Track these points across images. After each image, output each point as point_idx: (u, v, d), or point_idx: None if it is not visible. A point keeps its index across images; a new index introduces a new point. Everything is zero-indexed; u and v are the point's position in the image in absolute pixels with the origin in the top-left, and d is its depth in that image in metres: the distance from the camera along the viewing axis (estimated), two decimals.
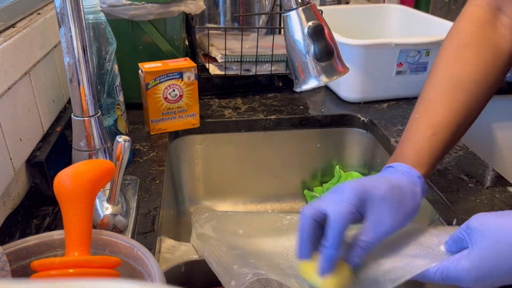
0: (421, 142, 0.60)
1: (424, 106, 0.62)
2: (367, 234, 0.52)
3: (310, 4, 0.54)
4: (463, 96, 0.60)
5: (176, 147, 0.93)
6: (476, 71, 0.61)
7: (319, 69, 0.55)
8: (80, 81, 0.53)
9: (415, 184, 0.57)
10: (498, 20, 0.63)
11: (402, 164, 0.58)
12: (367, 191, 0.52)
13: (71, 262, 0.43)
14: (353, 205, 0.51)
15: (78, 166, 0.47)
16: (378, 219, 0.52)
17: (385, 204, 0.52)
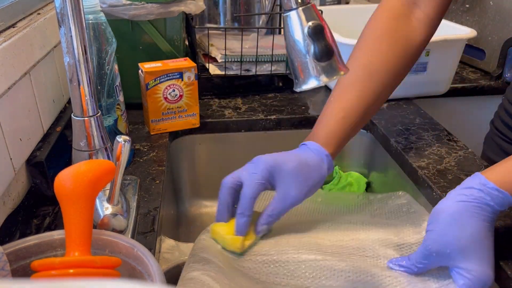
0: (332, 125, 0.66)
1: (339, 90, 0.69)
2: (274, 204, 0.61)
3: (310, 4, 0.54)
4: (374, 84, 0.67)
5: (176, 147, 0.93)
6: (388, 62, 0.67)
7: (319, 69, 0.55)
8: (80, 81, 0.53)
9: (322, 161, 0.64)
10: (412, 14, 0.68)
11: (313, 143, 0.65)
12: (277, 165, 0.60)
13: (71, 262, 0.43)
14: (263, 176, 0.60)
15: (79, 166, 0.47)
16: (285, 191, 0.60)
17: (292, 177, 0.60)
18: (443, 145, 0.84)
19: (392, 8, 0.68)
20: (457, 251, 0.52)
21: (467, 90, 1.14)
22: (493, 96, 1.16)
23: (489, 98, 1.17)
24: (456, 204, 0.53)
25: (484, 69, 1.21)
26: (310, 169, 0.62)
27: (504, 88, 1.14)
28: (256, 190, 0.59)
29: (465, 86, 1.14)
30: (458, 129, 1.11)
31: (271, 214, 0.61)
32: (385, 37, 0.67)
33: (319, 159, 0.63)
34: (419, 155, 0.80)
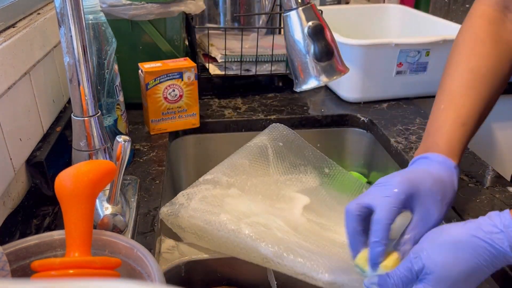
0: (452, 132, 0.61)
1: (449, 97, 0.65)
2: (416, 228, 0.53)
3: (310, 4, 0.54)
4: (484, 88, 0.64)
5: (176, 147, 0.93)
6: (494, 65, 0.65)
7: (319, 69, 0.55)
8: (80, 81, 0.53)
9: (453, 174, 0.58)
10: (507, 17, 0.67)
11: (437, 155, 0.59)
12: (413, 186, 0.53)
13: (71, 263, 0.43)
14: (400, 200, 0.52)
15: (79, 166, 0.47)
16: (425, 214, 0.54)
17: (431, 198, 0.54)
18: None
19: (485, 14, 0.67)
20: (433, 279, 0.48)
21: None
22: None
23: None
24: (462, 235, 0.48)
25: None
26: (445, 186, 0.56)
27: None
28: (393, 215, 0.52)
29: None
30: None
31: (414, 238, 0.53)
32: (487, 41, 0.65)
33: (450, 173, 0.58)
34: None
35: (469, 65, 0.65)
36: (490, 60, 0.65)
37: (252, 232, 0.59)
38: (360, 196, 0.56)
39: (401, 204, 0.52)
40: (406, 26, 1.22)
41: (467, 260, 0.47)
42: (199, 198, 0.65)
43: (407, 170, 0.58)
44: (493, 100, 0.66)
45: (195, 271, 0.66)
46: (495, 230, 0.46)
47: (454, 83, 0.65)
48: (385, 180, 0.55)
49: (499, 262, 0.46)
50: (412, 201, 0.53)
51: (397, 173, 0.57)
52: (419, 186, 0.54)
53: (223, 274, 0.68)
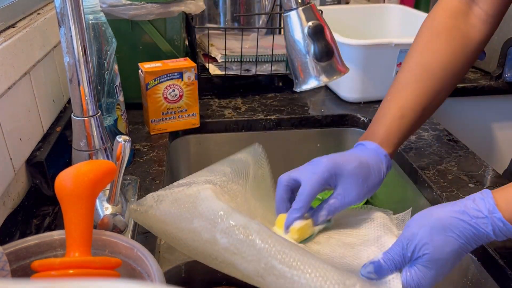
0: (390, 124, 0.65)
1: (396, 89, 0.68)
2: (333, 201, 0.60)
3: (310, 4, 0.54)
4: (431, 82, 0.66)
5: (176, 147, 0.93)
6: (445, 60, 0.66)
7: (319, 69, 0.55)
8: (80, 81, 0.53)
9: (381, 162, 0.63)
10: (471, 11, 0.67)
11: (371, 143, 0.64)
12: (338, 166, 0.59)
13: (71, 263, 0.43)
14: (323, 178, 0.59)
15: (79, 166, 0.47)
16: (345, 192, 0.60)
17: (352, 178, 0.60)
18: (443, 145, 0.84)
19: (450, 6, 0.67)
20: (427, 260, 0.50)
21: (467, 90, 1.14)
22: (493, 96, 1.16)
23: (489, 98, 1.17)
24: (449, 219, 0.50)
25: (484, 69, 1.21)
26: (369, 170, 0.61)
27: (504, 88, 1.14)
28: (315, 189, 0.58)
29: (465, 86, 1.14)
30: (458, 129, 1.11)
31: (329, 209, 0.60)
32: (442, 36, 0.66)
33: (378, 160, 0.63)
34: (419, 155, 0.80)
35: (421, 60, 0.67)
36: (442, 56, 0.66)
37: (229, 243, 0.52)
38: (293, 170, 0.62)
39: (324, 181, 0.59)
40: (406, 26, 1.22)
41: (455, 241, 0.50)
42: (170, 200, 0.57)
43: (339, 153, 0.63)
44: (442, 94, 0.67)
45: (195, 271, 0.66)
46: (480, 215, 0.49)
47: (403, 75, 0.67)
48: (317, 159, 0.61)
49: (482, 241, 0.50)
50: (335, 179, 0.59)
51: (330, 155, 0.62)
52: (343, 167, 0.59)
53: (223, 274, 0.68)
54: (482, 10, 0.66)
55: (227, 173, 0.65)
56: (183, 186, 0.60)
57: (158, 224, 0.57)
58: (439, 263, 0.50)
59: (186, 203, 0.56)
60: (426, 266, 0.50)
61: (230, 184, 0.63)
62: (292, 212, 0.58)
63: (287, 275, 0.48)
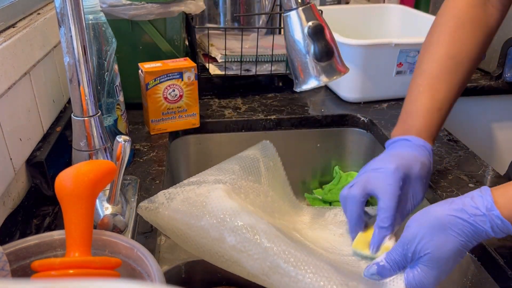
0: (429, 117, 0.65)
1: (428, 81, 0.67)
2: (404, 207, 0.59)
3: (310, 4, 0.54)
4: (462, 73, 0.67)
5: (176, 147, 0.93)
6: (472, 50, 0.67)
7: (319, 69, 0.55)
8: (80, 81, 0.53)
9: (430, 157, 0.63)
10: (489, 1, 0.68)
11: (418, 138, 0.64)
12: (407, 172, 0.59)
13: (71, 263, 0.43)
14: (399, 187, 0.57)
15: (79, 166, 0.47)
16: (414, 195, 0.60)
17: (419, 181, 0.60)
18: (443, 145, 0.84)
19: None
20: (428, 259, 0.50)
21: (467, 90, 1.14)
22: (493, 96, 1.16)
23: (489, 98, 1.17)
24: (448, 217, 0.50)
25: (484, 69, 1.21)
26: (427, 169, 0.62)
27: (504, 88, 1.14)
28: (397, 201, 0.57)
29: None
30: (458, 129, 1.11)
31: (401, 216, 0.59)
32: (467, 25, 0.67)
33: (429, 156, 0.63)
34: None
35: (450, 50, 0.67)
36: (469, 46, 0.67)
37: (236, 241, 0.53)
38: (360, 182, 0.59)
39: (400, 190, 0.57)
40: (406, 26, 1.22)
41: (454, 239, 0.50)
42: (181, 198, 0.59)
43: (396, 154, 0.62)
44: (466, 84, 0.69)
45: (195, 271, 0.66)
46: (478, 212, 0.50)
47: (434, 66, 0.67)
48: (380, 165, 0.60)
49: (481, 238, 0.51)
50: (404, 184, 0.59)
51: (389, 157, 0.61)
52: (410, 171, 0.59)
53: (223, 274, 0.68)
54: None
55: (236, 170, 0.66)
56: (193, 184, 0.61)
57: (167, 221, 0.58)
58: (441, 262, 0.50)
59: (197, 202, 0.58)
60: (427, 266, 0.50)
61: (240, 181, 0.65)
62: (381, 231, 0.56)
63: (292, 274, 0.49)
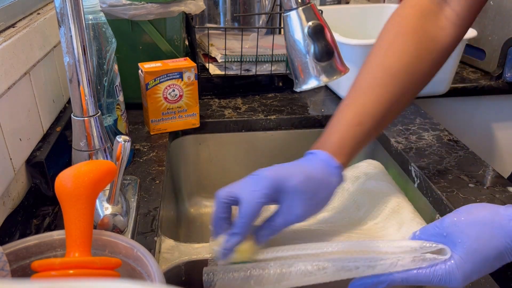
0: (345, 132, 0.60)
1: (355, 93, 0.62)
2: (276, 220, 0.55)
3: (310, 4, 0.54)
4: (393, 87, 0.60)
5: (176, 147, 0.93)
6: (410, 62, 0.60)
7: (319, 69, 0.55)
8: (80, 81, 0.53)
9: (331, 174, 0.57)
10: (442, 11, 0.62)
11: (322, 152, 0.59)
12: (281, 181, 0.54)
13: (71, 263, 0.43)
14: (265, 194, 0.53)
15: (80, 166, 0.47)
16: (289, 209, 0.54)
17: (297, 195, 0.54)
18: (443, 145, 0.84)
19: (419, 4, 0.62)
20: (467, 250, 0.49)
21: (467, 90, 1.14)
22: (493, 96, 1.16)
23: (489, 98, 1.17)
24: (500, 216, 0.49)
25: (484, 69, 1.21)
26: (317, 184, 0.56)
27: (504, 88, 1.14)
28: (256, 209, 0.53)
29: (465, 86, 1.14)
30: (458, 129, 1.11)
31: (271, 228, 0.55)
32: (409, 36, 0.61)
33: (328, 173, 0.57)
34: (419, 155, 0.80)
35: (384, 61, 0.61)
36: (406, 58, 0.60)
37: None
38: (232, 185, 0.56)
39: (267, 198, 0.53)
40: None
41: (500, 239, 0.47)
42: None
43: (284, 165, 0.57)
44: (405, 99, 0.62)
45: (195, 271, 0.66)
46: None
47: (364, 77, 0.62)
48: (259, 172, 0.56)
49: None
50: (279, 194, 0.54)
51: (275, 166, 0.57)
52: (286, 183, 0.54)
53: None
54: (454, 11, 0.61)
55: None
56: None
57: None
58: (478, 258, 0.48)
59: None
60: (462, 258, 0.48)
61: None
62: (232, 236, 0.54)
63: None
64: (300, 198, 0.54)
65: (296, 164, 0.58)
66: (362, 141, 0.60)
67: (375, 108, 0.60)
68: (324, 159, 0.58)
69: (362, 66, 0.63)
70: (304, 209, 0.55)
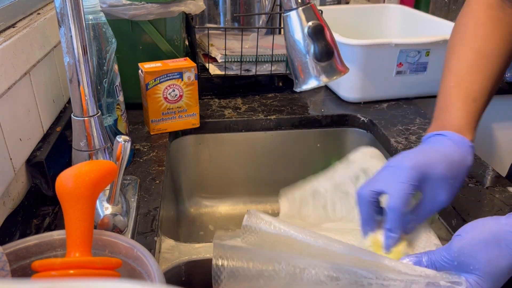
0: (465, 108, 0.61)
1: (457, 76, 0.65)
2: (422, 209, 0.55)
3: (310, 4, 0.54)
4: (490, 67, 0.64)
5: (176, 147, 0.93)
6: (497, 45, 0.65)
7: (319, 69, 0.55)
8: (80, 81, 0.53)
9: (468, 154, 0.58)
10: (504, 3, 0.67)
11: (454, 133, 0.59)
12: (426, 170, 0.54)
13: (72, 263, 0.43)
14: (413, 187, 0.53)
15: (80, 166, 0.47)
16: (435, 197, 0.54)
17: (442, 182, 0.54)
18: None
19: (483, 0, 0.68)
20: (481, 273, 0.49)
21: None
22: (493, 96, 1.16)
23: None
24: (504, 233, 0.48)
25: None
26: (458, 168, 0.56)
27: (504, 88, 1.14)
28: (407, 202, 0.53)
29: None
30: None
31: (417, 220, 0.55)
32: (488, 23, 0.66)
33: (465, 153, 0.57)
34: None
35: (474, 45, 0.65)
36: (493, 41, 0.65)
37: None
38: (372, 180, 0.56)
39: (414, 189, 0.53)
40: (406, 26, 1.22)
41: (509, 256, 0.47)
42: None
43: (419, 151, 0.57)
44: (498, 79, 0.66)
45: (195, 271, 0.66)
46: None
47: (461, 62, 0.66)
48: (397, 162, 0.55)
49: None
50: (423, 184, 0.54)
51: (410, 154, 0.56)
52: (431, 171, 0.54)
53: None
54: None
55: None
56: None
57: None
58: (493, 277, 0.48)
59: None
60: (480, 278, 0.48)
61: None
62: (388, 235, 0.54)
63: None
64: (445, 185, 0.54)
65: (433, 149, 0.58)
66: (479, 117, 0.62)
67: (483, 86, 0.63)
68: (458, 140, 0.58)
69: (451, 53, 0.67)
70: (448, 195, 0.55)
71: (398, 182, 0.53)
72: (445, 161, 0.55)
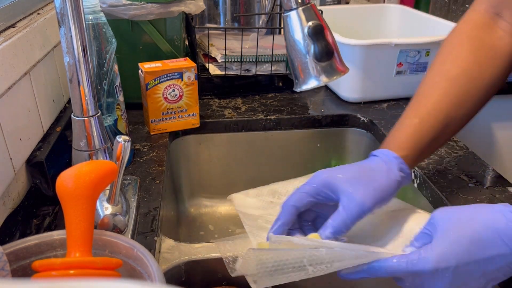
0: (404, 129, 0.61)
1: (417, 98, 0.64)
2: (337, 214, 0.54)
3: (310, 4, 0.54)
4: (454, 90, 0.61)
5: (176, 147, 0.93)
6: (469, 68, 0.62)
7: (319, 69, 0.55)
8: (80, 81, 0.53)
9: (389, 163, 0.57)
10: (497, 24, 0.64)
11: (382, 150, 0.60)
12: (332, 174, 0.56)
13: (72, 263, 0.43)
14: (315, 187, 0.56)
15: (81, 166, 0.47)
16: (348, 199, 0.54)
17: (352, 183, 0.54)
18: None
19: (473, 19, 0.65)
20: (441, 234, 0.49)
21: None
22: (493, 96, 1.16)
23: None
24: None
25: None
26: (374, 173, 0.56)
27: (504, 88, 1.14)
28: (299, 199, 0.55)
29: None
30: None
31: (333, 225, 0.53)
32: (465, 45, 0.63)
33: (385, 161, 0.57)
34: None
35: (442, 68, 0.64)
36: (464, 64, 0.62)
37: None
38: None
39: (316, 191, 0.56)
40: (406, 26, 1.22)
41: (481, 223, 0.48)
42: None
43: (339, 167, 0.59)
44: (469, 104, 0.62)
45: (195, 271, 0.66)
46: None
47: (424, 85, 0.64)
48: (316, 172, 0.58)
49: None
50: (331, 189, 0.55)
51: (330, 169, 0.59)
52: (337, 174, 0.56)
53: (223, 274, 0.68)
54: (508, 22, 0.63)
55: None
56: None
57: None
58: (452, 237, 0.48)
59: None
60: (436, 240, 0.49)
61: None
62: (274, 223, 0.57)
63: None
64: (356, 185, 0.54)
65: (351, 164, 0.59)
66: (425, 137, 0.60)
67: (435, 109, 0.61)
68: (382, 153, 0.59)
69: (423, 78, 0.66)
70: (363, 195, 0.53)
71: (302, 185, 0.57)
72: (354, 167, 0.57)
